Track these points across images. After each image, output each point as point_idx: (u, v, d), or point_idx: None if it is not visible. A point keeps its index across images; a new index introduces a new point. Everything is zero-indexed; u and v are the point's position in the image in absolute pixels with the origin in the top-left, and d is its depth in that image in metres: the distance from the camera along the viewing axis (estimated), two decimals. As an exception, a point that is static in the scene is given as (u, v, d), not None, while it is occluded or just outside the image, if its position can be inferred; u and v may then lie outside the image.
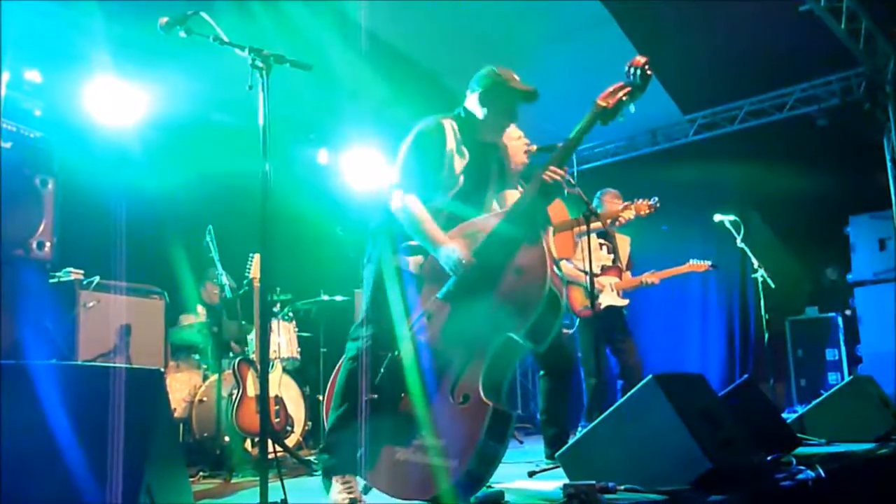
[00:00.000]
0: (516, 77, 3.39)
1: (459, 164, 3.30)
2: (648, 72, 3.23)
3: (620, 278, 5.78)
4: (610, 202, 5.80)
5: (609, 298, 5.65)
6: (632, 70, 3.26)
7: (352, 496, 3.03)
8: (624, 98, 3.26)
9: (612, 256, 5.81)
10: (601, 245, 5.76)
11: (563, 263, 5.46)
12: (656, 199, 5.39)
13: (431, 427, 2.95)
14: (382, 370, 3.13)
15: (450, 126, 3.33)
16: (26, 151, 4.30)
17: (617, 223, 5.59)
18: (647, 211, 5.38)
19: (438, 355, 3.07)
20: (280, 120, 2.87)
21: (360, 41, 6.79)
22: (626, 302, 5.75)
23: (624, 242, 5.98)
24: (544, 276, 2.95)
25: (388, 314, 3.18)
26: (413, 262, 3.25)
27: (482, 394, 2.89)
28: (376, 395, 3.11)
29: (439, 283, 3.16)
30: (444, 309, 3.14)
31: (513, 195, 3.58)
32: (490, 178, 3.43)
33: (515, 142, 4.66)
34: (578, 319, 5.75)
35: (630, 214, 5.35)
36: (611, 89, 3.30)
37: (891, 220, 7.51)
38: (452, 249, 3.08)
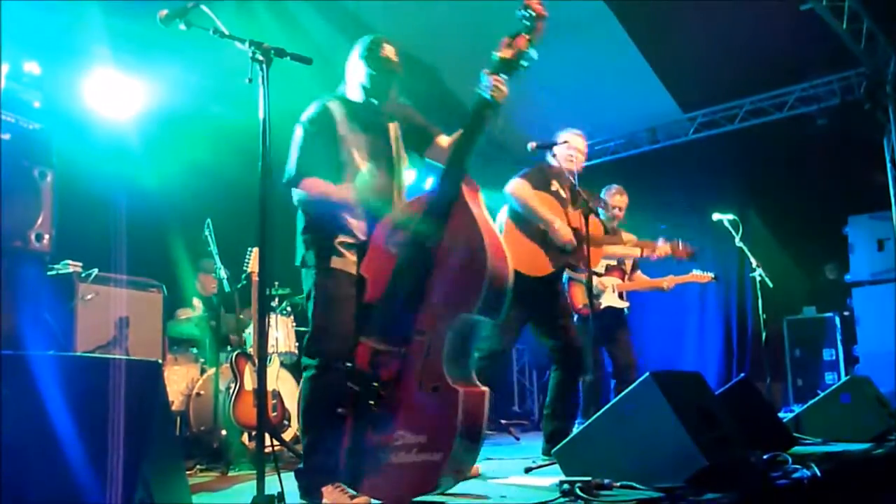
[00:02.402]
0: (385, 47, 3.26)
1: (353, 141, 3.18)
2: (544, 13, 3.12)
3: (623, 279, 5.77)
4: (613, 198, 5.79)
5: (610, 299, 5.64)
6: (526, 13, 3.14)
7: (353, 493, 2.98)
8: (524, 46, 3.12)
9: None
10: None
11: None
12: (698, 247, 5.57)
13: (409, 425, 2.90)
14: (347, 383, 3.04)
15: (335, 106, 3.23)
16: (25, 143, 4.29)
17: (614, 220, 5.63)
18: (684, 255, 5.52)
19: (396, 352, 2.99)
20: (280, 114, 2.85)
21: (359, 36, 6.79)
22: (626, 304, 5.73)
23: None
24: (483, 250, 2.89)
25: (338, 322, 3.07)
26: (349, 261, 3.14)
27: (449, 380, 2.85)
28: (343, 410, 3.03)
29: (383, 280, 3.08)
30: (393, 304, 3.05)
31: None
32: (391, 150, 3.29)
33: (572, 151, 4.71)
34: (577, 317, 5.75)
35: (665, 251, 5.44)
36: (508, 39, 3.14)
37: (890, 221, 7.51)
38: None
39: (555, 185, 4.72)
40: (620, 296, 5.72)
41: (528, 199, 4.51)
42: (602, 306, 5.60)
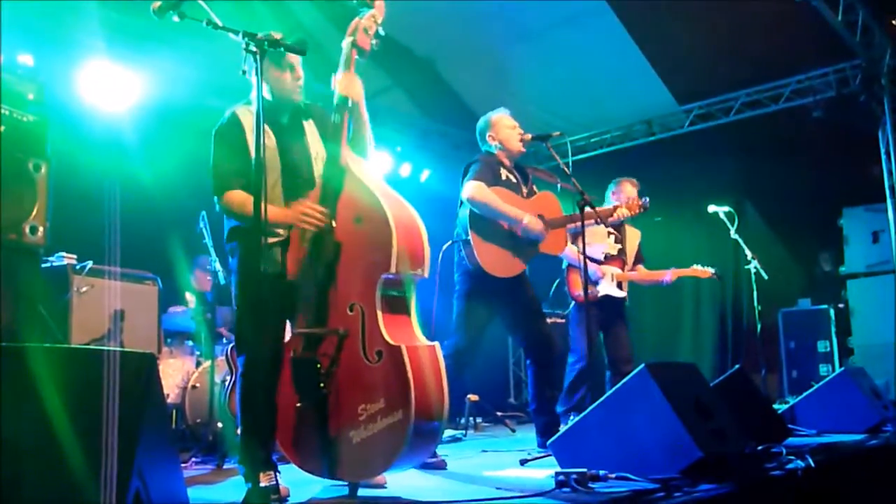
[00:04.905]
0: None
1: (269, 143, 3.18)
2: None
3: (623, 269, 5.74)
4: (626, 190, 5.75)
5: (608, 288, 5.60)
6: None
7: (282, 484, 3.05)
8: (370, 25, 3.38)
9: (618, 247, 5.77)
10: (609, 233, 5.71)
11: (570, 246, 5.44)
12: (647, 199, 5.27)
13: (366, 396, 2.93)
14: (293, 372, 3.09)
15: (245, 111, 3.25)
16: (19, 135, 4.27)
17: (611, 218, 5.59)
18: (638, 211, 5.22)
19: (335, 332, 3.05)
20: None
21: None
22: (624, 294, 5.70)
23: (634, 236, 5.94)
24: (381, 207, 3.02)
25: (263, 322, 3.09)
26: (271, 260, 3.20)
27: (389, 341, 2.92)
28: (301, 403, 3.05)
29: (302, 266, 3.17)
30: (317, 285, 3.12)
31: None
32: (306, 145, 3.35)
33: (510, 130, 4.68)
34: (573, 303, 5.75)
35: (622, 214, 5.20)
36: (362, 27, 3.36)
37: (884, 213, 7.53)
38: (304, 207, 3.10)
39: (504, 174, 4.60)
40: (620, 286, 5.69)
41: (489, 200, 4.38)
42: (600, 294, 5.57)
